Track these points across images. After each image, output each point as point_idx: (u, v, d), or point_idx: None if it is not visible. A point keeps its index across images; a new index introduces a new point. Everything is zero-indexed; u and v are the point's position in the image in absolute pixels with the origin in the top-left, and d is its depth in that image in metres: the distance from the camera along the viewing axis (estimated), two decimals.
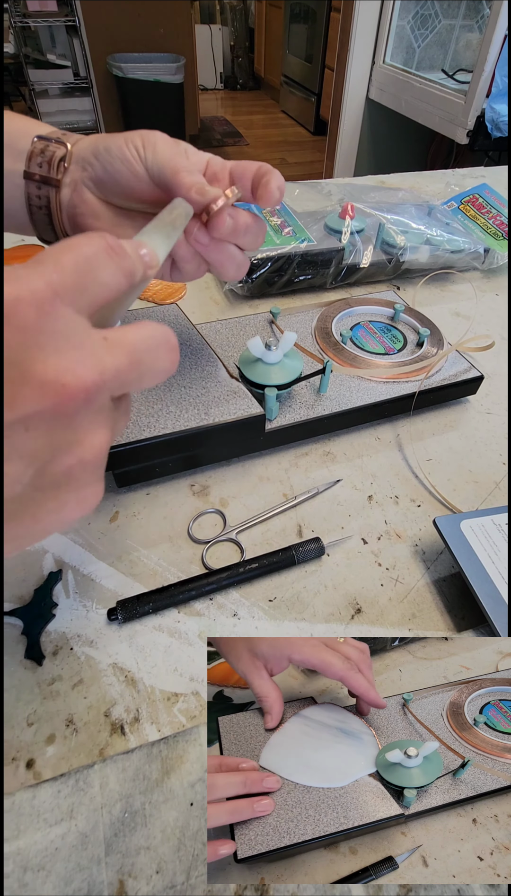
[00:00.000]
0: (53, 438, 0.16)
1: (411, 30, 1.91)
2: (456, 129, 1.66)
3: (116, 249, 0.19)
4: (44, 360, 0.15)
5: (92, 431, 0.18)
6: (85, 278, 0.17)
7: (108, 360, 0.17)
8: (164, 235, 0.24)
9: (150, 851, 0.23)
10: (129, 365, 0.18)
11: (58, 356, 0.16)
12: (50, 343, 0.16)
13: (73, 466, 0.17)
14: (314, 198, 0.64)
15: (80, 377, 0.16)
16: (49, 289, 0.16)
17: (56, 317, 0.16)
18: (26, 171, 0.29)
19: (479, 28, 1.77)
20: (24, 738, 0.25)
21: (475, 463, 0.40)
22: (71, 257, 0.17)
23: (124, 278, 0.19)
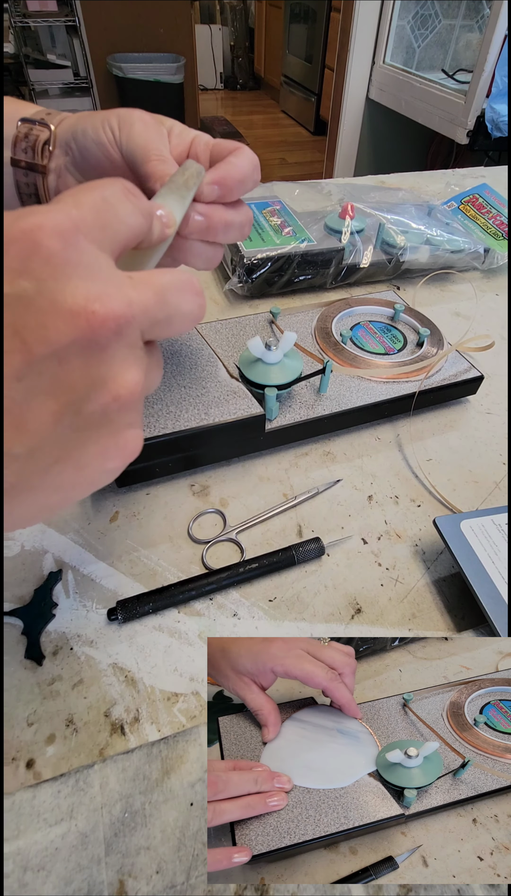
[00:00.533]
0: (88, 371, 0.16)
1: (411, 30, 1.91)
2: (456, 129, 1.66)
3: (134, 191, 0.19)
4: (72, 289, 0.15)
5: (125, 367, 0.17)
6: (105, 215, 0.17)
7: (134, 295, 0.17)
8: (178, 197, 0.24)
9: (150, 851, 0.23)
10: (156, 303, 0.18)
11: (86, 285, 0.15)
12: (76, 273, 0.15)
13: (108, 404, 0.17)
14: (314, 198, 0.64)
15: (109, 305, 0.16)
16: (70, 222, 0.16)
17: (80, 249, 0.16)
18: (12, 157, 0.28)
19: (479, 28, 1.77)
20: (24, 738, 0.25)
21: (475, 463, 0.40)
22: (89, 196, 0.17)
23: (143, 218, 0.19)
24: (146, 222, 0.19)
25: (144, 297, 0.17)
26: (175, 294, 0.19)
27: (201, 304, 0.20)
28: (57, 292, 0.15)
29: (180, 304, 0.19)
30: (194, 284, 0.20)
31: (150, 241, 0.20)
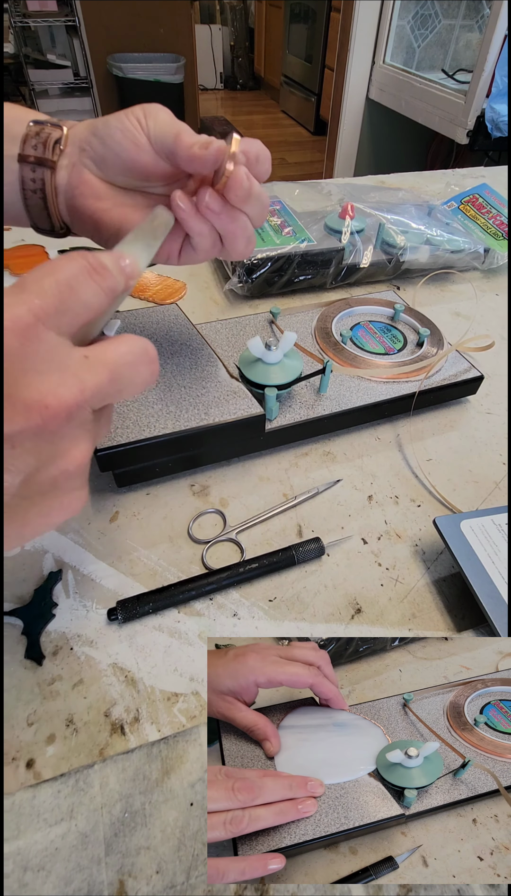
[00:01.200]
0: (38, 453, 0.18)
1: (411, 30, 1.91)
2: (456, 129, 1.66)
3: (97, 269, 0.19)
4: (28, 383, 0.17)
5: (74, 444, 0.19)
6: (66, 300, 0.18)
7: (88, 379, 0.18)
8: (144, 245, 0.24)
9: (150, 851, 0.23)
10: (109, 381, 0.19)
11: (41, 379, 0.17)
12: (33, 367, 0.17)
13: (56, 477, 0.19)
14: (314, 198, 0.63)
15: (62, 398, 0.17)
16: (31, 315, 0.17)
17: (38, 341, 0.17)
18: (20, 153, 0.28)
19: (479, 28, 1.77)
20: (24, 738, 0.25)
21: (475, 463, 0.40)
22: (52, 281, 0.18)
23: (106, 296, 0.20)
24: (108, 299, 0.20)
25: (98, 377, 0.19)
26: (128, 369, 0.20)
27: (154, 371, 0.21)
28: (13, 387, 0.17)
29: (133, 376, 0.20)
30: (149, 353, 0.21)
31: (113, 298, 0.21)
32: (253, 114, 3.91)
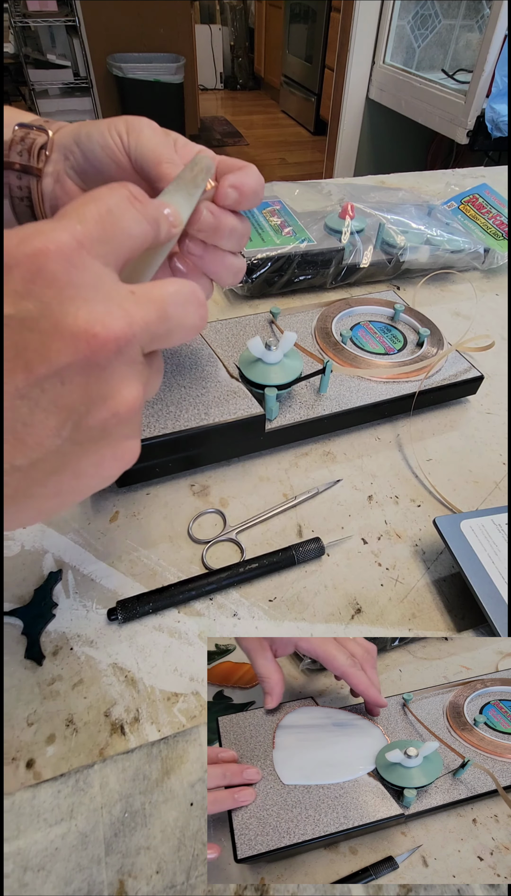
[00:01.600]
0: (88, 391, 0.17)
1: (411, 30, 1.91)
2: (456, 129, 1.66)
3: (139, 198, 0.19)
4: (74, 312, 0.16)
5: (125, 384, 0.18)
6: (109, 228, 0.17)
7: (136, 313, 0.17)
8: (185, 194, 0.23)
9: (150, 851, 0.23)
10: (158, 318, 0.18)
11: (88, 307, 0.16)
12: (79, 295, 0.16)
13: (107, 420, 0.17)
14: (314, 198, 0.63)
15: (110, 327, 0.16)
16: (74, 241, 0.16)
17: (83, 268, 0.16)
18: (6, 160, 0.28)
19: (479, 28, 1.77)
20: (24, 738, 0.25)
21: (475, 463, 0.40)
22: (94, 208, 0.17)
23: (149, 226, 0.19)
24: (152, 229, 0.19)
25: (146, 313, 0.18)
26: (177, 308, 0.19)
27: (203, 315, 0.20)
28: (59, 315, 0.15)
29: (182, 317, 0.19)
30: (197, 296, 0.20)
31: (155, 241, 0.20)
32: (253, 114, 3.91)
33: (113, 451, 0.19)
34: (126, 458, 0.19)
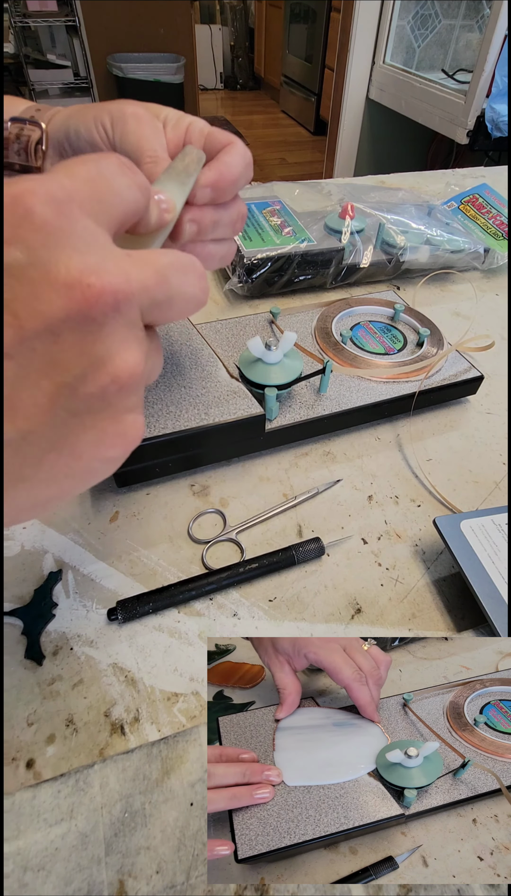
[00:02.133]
0: (83, 349, 0.15)
1: (411, 30, 1.91)
2: (456, 129, 1.66)
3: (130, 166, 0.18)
4: (66, 260, 0.14)
5: (124, 347, 0.16)
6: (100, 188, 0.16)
7: (134, 272, 0.16)
8: (178, 183, 0.23)
9: (150, 851, 0.23)
10: (156, 282, 0.17)
11: (81, 257, 0.14)
12: (70, 243, 0.14)
13: (107, 386, 0.16)
14: (314, 198, 0.63)
15: (106, 279, 0.15)
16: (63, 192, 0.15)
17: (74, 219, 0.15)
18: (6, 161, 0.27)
19: (479, 28, 1.77)
20: (24, 738, 0.25)
21: (475, 463, 0.40)
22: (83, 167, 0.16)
23: (140, 193, 0.18)
24: (144, 198, 0.18)
25: (144, 274, 0.16)
26: (177, 275, 0.17)
27: (204, 287, 0.19)
28: (50, 262, 0.14)
29: (182, 285, 0.18)
30: (197, 266, 0.19)
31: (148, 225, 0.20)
32: (253, 114, 3.91)
33: (115, 426, 0.16)
34: (130, 435, 0.17)
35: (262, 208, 0.58)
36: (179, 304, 0.18)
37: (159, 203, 0.20)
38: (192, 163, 0.24)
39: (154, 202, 0.20)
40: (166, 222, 0.21)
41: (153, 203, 0.19)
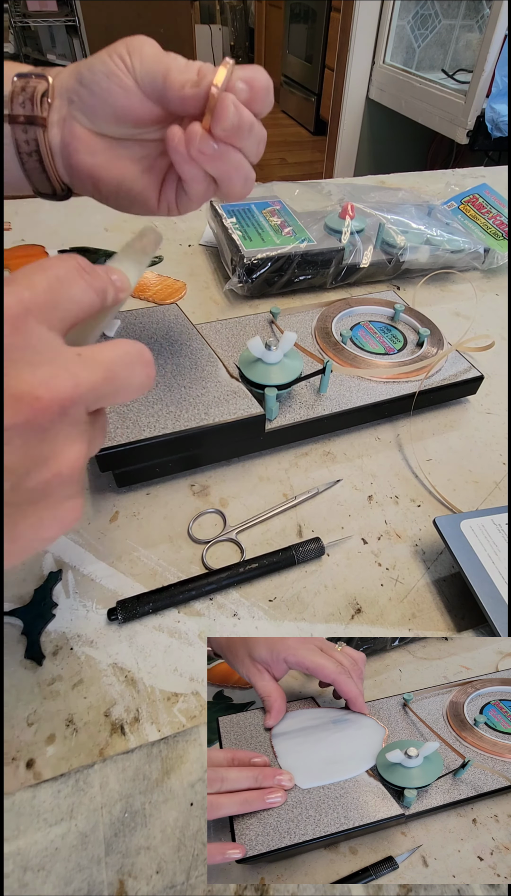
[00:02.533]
0: (29, 452, 0.17)
1: (411, 30, 1.91)
2: (456, 129, 1.66)
3: (88, 269, 0.19)
4: (17, 374, 0.16)
5: (68, 445, 0.18)
6: (56, 295, 0.18)
7: (82, 374, 0.17)
8: (134, 261, 0.24)
9: (150, 851, 0.23)
10: (104, 379, 0.18)
11: (32, 370, 0.16)
12: (23, 358, 0.16)
13: (49, 481, 0.17)
14: (314, 198, 0.63)
15: (54, 389, 0.16)
16: (21, 306, 0.16)
17: (29, 333, 0.17)
18: (10, 114, 0.26)
19: (479, 28, 1.77)
20: (24, 738, 0.25)
21: (475, 463, 0.40)
22: (43, 277, 0.18)
23: (96, 295, 0.19)
24: (99, 298, 0.20)
25: (92, 375, 0.18)
26: (124, 368, 0.19)
27: (150, 374, 0.20)
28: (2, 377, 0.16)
29: (129, 377, 0.19)
30: (144, 356, 0.20)
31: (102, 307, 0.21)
32: None
33: (53, 513, 0.18)
34: (67, 519, 0.19)
35: (262, 208, 0.58)
36: (125, 393, 0.20)
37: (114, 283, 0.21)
38: (149, 243, 0.25)
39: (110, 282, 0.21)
40: (119, 301, 0.22)
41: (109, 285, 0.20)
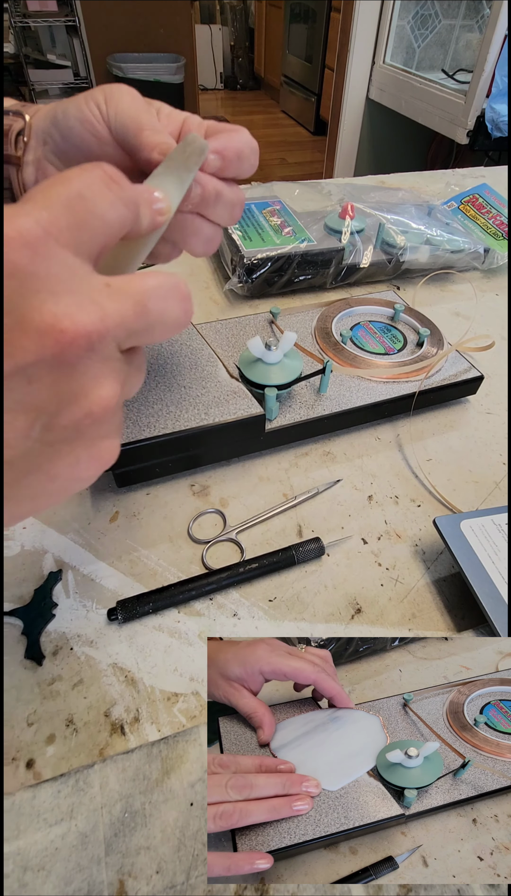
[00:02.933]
0: (58, 389, 0.16)
1: (411, 30, 1.91)
2: (456, 129, 1.66)
3: (115, 178, 0.17)
4: (39, 305, 0.15)
5: (98, 383, 0.17)
6: (80, 213, 0.16)
7: (110, 307, 0.16)
8: (176, 178, 0.22)
9: (150, 851, 0.23)
10: (135, 313, 0.17)
11: (55, 300, 0.15)
12: (46, 287, 0.15)
13: (80, 419, 0.16)
14: (314, 198, 0.63)
15: (79, 322, 0.15)
16: (39, 228, 0.15)
17: (50, 258, 0.15)
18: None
19: (479, 28, 1.77)
20: (24, 738, 0.25)
21: (475, 463, 0.40)
22: (63, 191, 0.16)
23: (127, 210, 0.18)
24: (131, 213, 0.18)
25: (122, 307, 0.17)
26: (158, 301, 0.18)
27: (187, 309, 0.19)
28: (24, 309, 0.14)
29: (163, 311, 0.18)
30: (180, 289, 0.18)
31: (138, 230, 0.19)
32: (253, 114, 3.91)
33: (89, 452, 0.18)
34: (104, 459, 0.18)
35: (262, 208, 0.58)
36: (160, 330, 0.18)
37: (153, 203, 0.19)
38: (193, 154, 0.22)
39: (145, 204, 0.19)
40: (159, 225, 0.20)
41: (145, 205, 0.19)
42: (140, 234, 0.19)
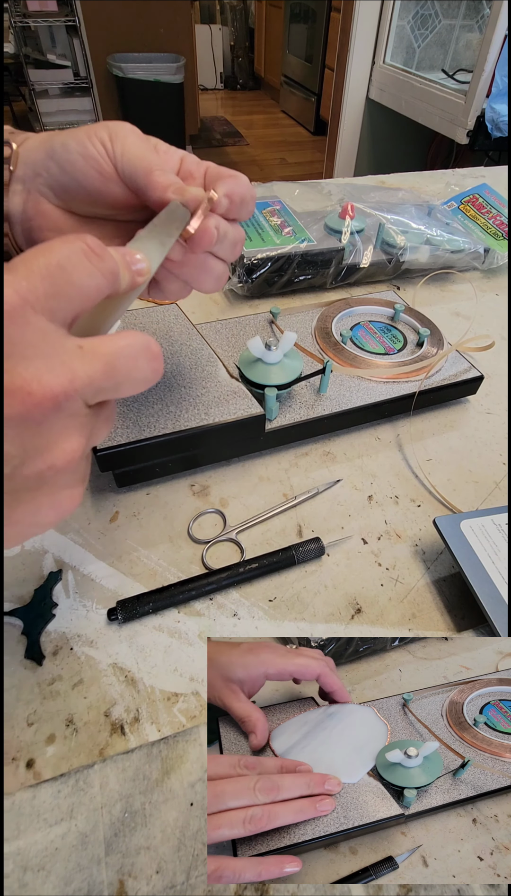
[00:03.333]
0: (23, 443, 0.17)
1: (411, 30, 1.91)
2: (456, 129, 1.66)
3: (96, 250, 0.18)
4: (12, 368, 0.16)
5: (63, 437, 0.18)
6: (59, 283, 0.17)
7: (80, 369, 0.17)
8: (158, 243, 0.23)
9: (150, 851, 0.23)
10: (104, 373, 0.18)
11: (25, 364, 0.16)
12: (18, 352, 0.16)
13: (43, 471, 0.18)
14: (314, 198, 0.64)
15: (47, 385, 0.16)
16: (18, 297, 0.16)
17: (25, 325, 0.16)
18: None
19: (479, 28, 1.77)
20: (24, 738, 0.25)
21: (475, 463, 0.40)
22: (43, 262, 0.17)
23: (104, 279, 0.18)
24: (108, 282, 0.19)
25: (91, 368, 0.18)
26: (127, 360, 0.19)
27: (156, 368, 0.20)
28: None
29: (131, 370, 0.19)
30: (151, 349, 0.20)
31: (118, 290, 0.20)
32: (253, 114, 3.91)
33: (50, 500, 0.19)
34: (64, 507, 0.19)
35: (262, 208, 0.58)
36: (127, 387, 0.19)
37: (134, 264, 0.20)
38: (175, 221, 0.24)
39: (125, 266, 0.20)
40: (137, 285, 0.21)
41: (125, 267, 0.20)
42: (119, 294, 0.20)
